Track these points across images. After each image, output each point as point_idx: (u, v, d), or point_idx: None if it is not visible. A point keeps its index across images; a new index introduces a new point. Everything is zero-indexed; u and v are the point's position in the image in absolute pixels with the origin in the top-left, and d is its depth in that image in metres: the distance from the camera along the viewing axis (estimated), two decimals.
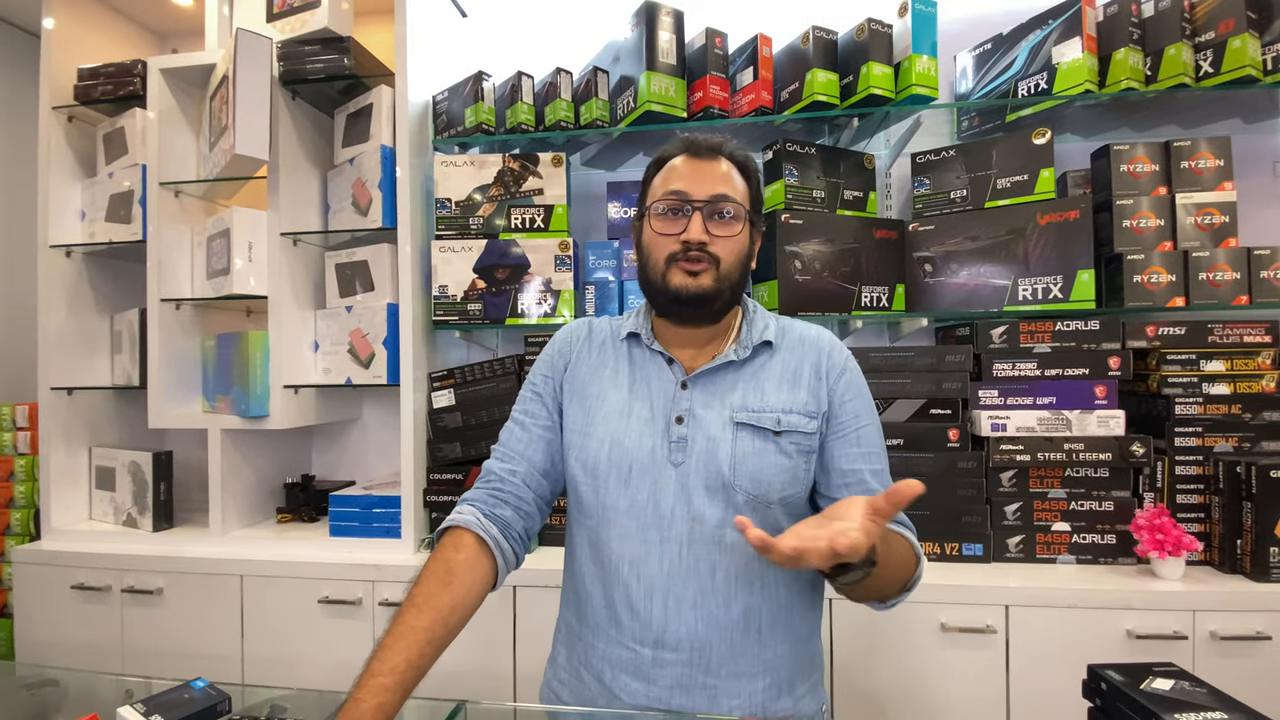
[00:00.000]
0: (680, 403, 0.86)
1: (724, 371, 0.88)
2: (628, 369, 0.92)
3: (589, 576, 0.89)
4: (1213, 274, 1.51)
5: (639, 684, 0.85)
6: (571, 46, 1.87)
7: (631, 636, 0.85)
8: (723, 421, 0.84)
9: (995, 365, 1.55)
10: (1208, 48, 1.51)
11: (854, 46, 1.57)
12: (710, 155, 0.87)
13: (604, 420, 0.88)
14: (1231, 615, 1.34)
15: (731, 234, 0.85)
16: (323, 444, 2.11)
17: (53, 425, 1.84)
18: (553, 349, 0.98)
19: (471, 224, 1.74)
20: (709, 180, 0.86)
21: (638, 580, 0.84)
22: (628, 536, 0.85)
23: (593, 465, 0.87)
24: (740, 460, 0.83)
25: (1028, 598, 1.38)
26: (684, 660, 0.83)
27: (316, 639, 1.60)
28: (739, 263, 0.87)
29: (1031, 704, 1.37)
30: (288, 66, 1.67)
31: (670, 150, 0.90)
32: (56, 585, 1.71)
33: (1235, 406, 1.50)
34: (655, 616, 0.83)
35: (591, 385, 0.92)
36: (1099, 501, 1.50)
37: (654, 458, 0.85)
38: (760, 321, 0.92)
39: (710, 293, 0.85)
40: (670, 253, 0.85)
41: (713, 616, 0.82)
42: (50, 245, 1.85)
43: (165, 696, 0.86)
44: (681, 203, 0.85)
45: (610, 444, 0.86)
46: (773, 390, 0.86)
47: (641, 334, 0.92)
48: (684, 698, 0.83)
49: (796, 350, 0.90)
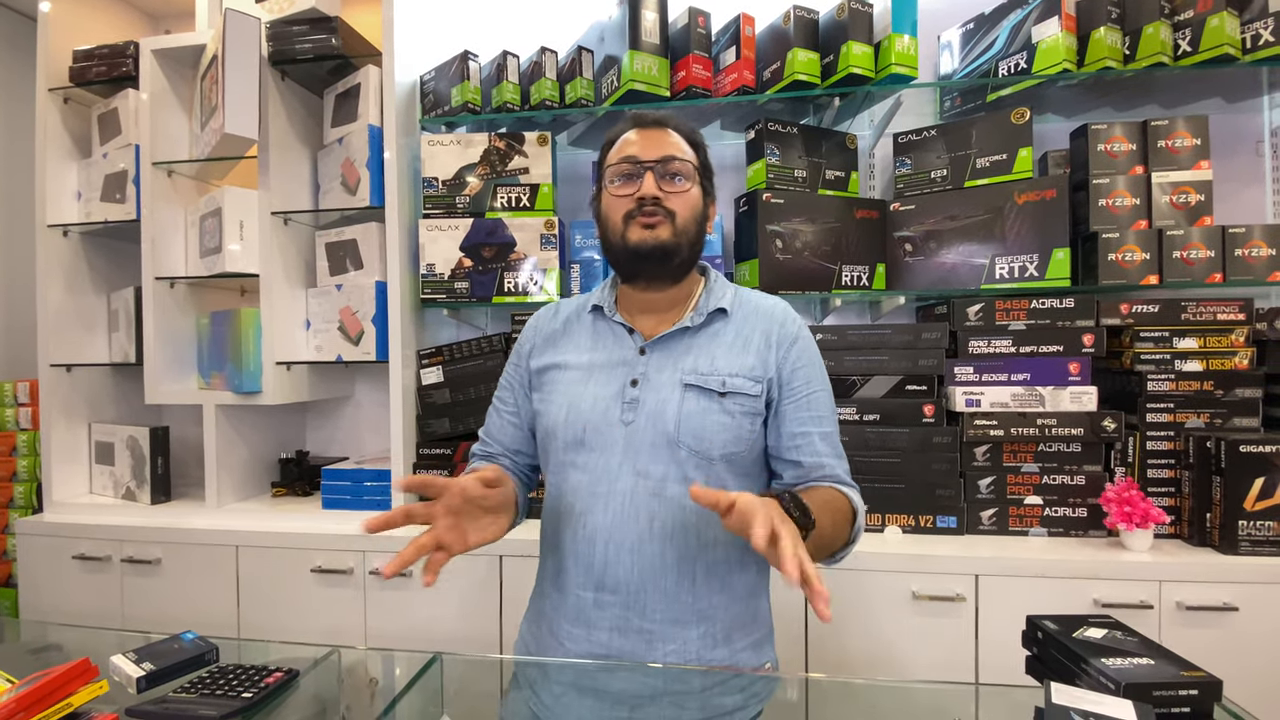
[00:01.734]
0: (636, 367, 0.92)
1: (679, 337, 0.93)
2: (590, 340, 0.97)
3: (550, 532, 0.96)
4: (1187, 252, 1.53)
5: (580, 629, 0.90)
6: (557, 26, 1.89)
7: (575, 582, 0.90)
8: (673, 384, 0.90)
9: (971, 342, 1.57)
10: (1186, 26, 1.52)
11: (835, 26, 1.59)
12: (657, 126, 0.93)
13: (564, 388, 0.95)
14: (1199, 586, 1.37)
15: (683, 190, 0.91)
16: (316, 421, 2.15)
17: (53, 401, 1.88)
18: (523, 338, 1.05)
19: (458, 203, 1.77)
20: (658, 145, 0.91)
21: (584, 528, 0.90)
22: (579, 490, 0.91)
23: (553, 428, 0.94)
24: (685, 419, 0.88)
25: (997, 568, 1.42)
26: (621, 603, 0.88)
27: (309, 607, 1.65)
28: (694, 219, 0.92)
29: (997, 668, 1.41)
30: (276, 47, 1.69)
31: (619, 129, 0.96)
32: (59, 556, 1.76)
33: (1207, 383, 1.52)
34: (596, 559, 0.88)
35: (555, 359, 0.98)
36: (1071, 476, 1.53)
37: (607, 418, 0.90)
38: (719, 290, 0.96)
39: (669, 245, 0.89)
40: (626, 211, 0.90)
41: (649, 563, 0.87)
42: (48, 225, 1.88)
43: (156, 647, 0.91)
44: (634, 165, 0.91)
45: (568, 408, 0.92)
46: (723, 355, 0.91)
47: (604, 306, 0.97)
48: (621, 640, 0.88)
49: (751, 319, 0.95)
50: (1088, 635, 0.75)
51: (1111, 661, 0.69)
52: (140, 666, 0.84)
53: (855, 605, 1.45)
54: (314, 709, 0.87)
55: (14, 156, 2.32)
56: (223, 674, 0.84)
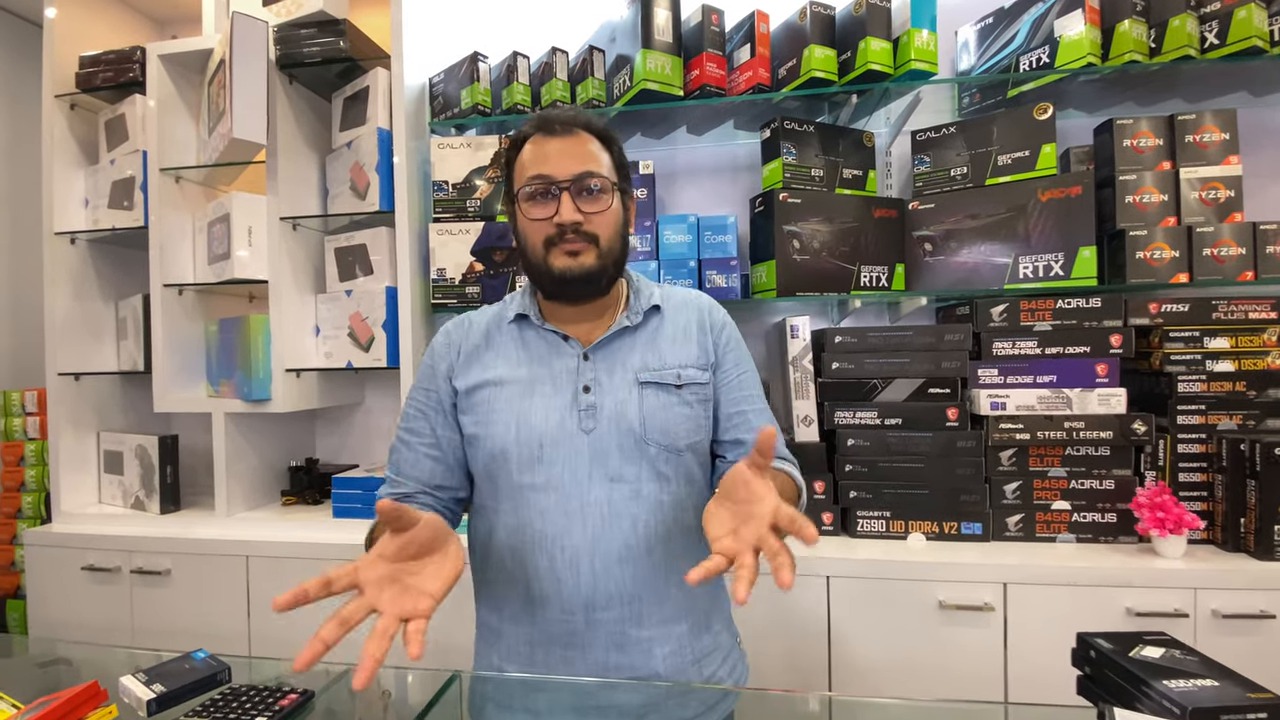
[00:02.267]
0: (584, 374, 0.88)
1: (621, 338, 0.91)
2: (521, 351, 0.91)
3: (507, 564, 0.88)
4: (1217, 249, 1.49)
5: (574, 651, 0.86)
6: (568, 26, 1.86)
7: (559, 608, 0.85)
8: (628, 384, 0.88)
9: (995, 344, 1.54)
10: (1213, 19, 1.48)
11: (852, 21, 1.55)
12: (567, 131, 0.86)
13: (505, 405, 0.88)
14: (1234, 593, 1.33)
15: (603, 208, 0.86)
16: (326, 428, 2.12)
17: (61, 410, 1.87)
18: (431, 358, 0.95)
19: (469, 206, 1.74)
20: (570, 158, 0.85)
21: (561, 552, 0.84)
22: (548, 512, 0.85)
23: (501, 450, 0.86)
24: (649, 416, 0.86)
25: (1026, 575, 1.38)
26: (616, 618, 0.85)
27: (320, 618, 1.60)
28: (617, 235, 0.89)
29: (1029, 681, 1.37)
30: (284, 50, 1.67)
31: (525, 131, 0.89)
32: (67, 567, 1.74)
33: (1239, 384, 1.48)
34: (583, 582, 0.84)
35: (485, 375, 0.90)
36: (1099, 480, 1.49)
37: (564, 429, 0.86)
38: (645, 289, 0.95)
39: (594, 270, 0.86)
40: (546, 236, 0.86)
41: (639, 569, 0.85)
42: (55, 232, 1.86)
43: (166, 666, 0.88)
44: (547, 185, 0.85)
45: (517, 425, 0.86)
46: (668, 349, 0.91)
47: (530, 315, 0.92)
48: (619, 655, 0.85)
49: (682, 311, 0.95)
50: (1145, 655, 0.71)
51: (1174, 684, 0.65)
52: (150, 689, 0.81)
53: (880, 613, 1.41)
54: None
55: (20, 163, 2.31)
56: (235, 695, 0.81)
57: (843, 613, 1.42)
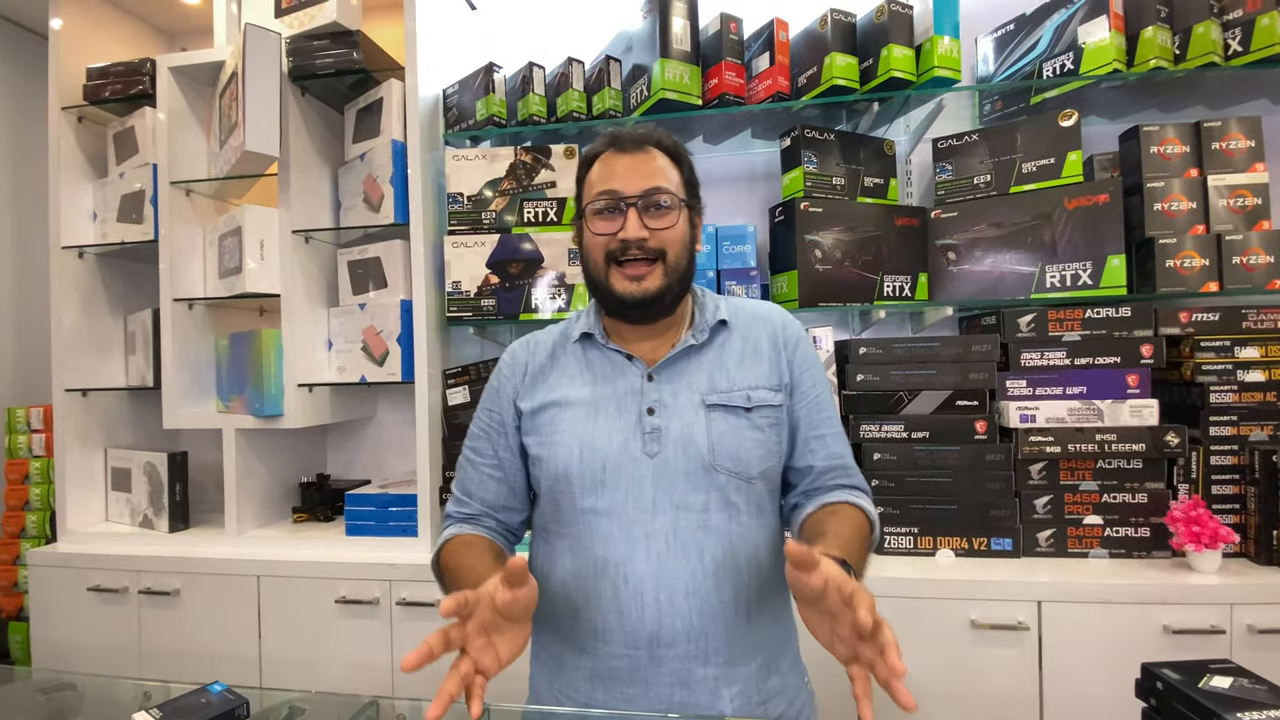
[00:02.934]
0: (649, 395, 0.85)
1: (685, 357, 0.88)
2: (585, 371, 0.90)
3: (569, 589, 0.86)
4: (1246, 258, 1.47)
5: (635, 689, 0.82)
6: (583, 36, 1.85)
7: (622, 643, 0.82)
8: (694, 406, 0.84)
9: (1023, 355, 1.51)
10: (1236, 25, 1.47)
11: (873, 29, 1.54)
12: (638, 148, 0.86)
13: (569, 426, 0.86)
14: (1271, 608, 1.30)
15: (669, 225, 0.84)
16: (338, 443, 2.09)
17: (68, 427, 1.83)
18: (496, 380, 0.96)
19: (484, 218, 1.72)
20: (640, 175, 0.85)
21: (625, 582, 0.81)
22: (611, 538, 0.83)
23: (564, 473, 0.85)
24: (718, 441, 0.83)
25: (1060, 593, 1.34)
26: (681, 654, 0.81)
27: (334, 639, 1.58)
28: (684, 252, 0.87)
29: (1067, 702, 1.33)
30: (297, 62, 1.65)
31: (596, 148, 0.89)
32: (73, 587, 1.70)
33: (1271, 394, 1.45)
34: (648, 615, 0.81)
35: (550, 396, 0.89)
36: (1132, 494, 1.46)
37: (627, 452, 0.83)
38: (710, 303, 0.92)
39: (658, 293, 0.84)
40: (609, 251, 0.84)
41: (706, 603, 0.81)
42: (62, 246, 1.84)
43: (181, 701, 0.84)
44: (615, 200, 0.84)
45: (580, 448, 0.84)
46: (736, 368, 0.87)
47: (595, 334, 0.90)
48: (685, 693, 0.81)
49: (752, 326, 0.91)
50: (1214, 685, 0.68)
51: (1247, 716, 0.62)
52: None
53: (911, 634, 1.38)
54: None
55: (27, 176, 2.28)
56: None
57: None
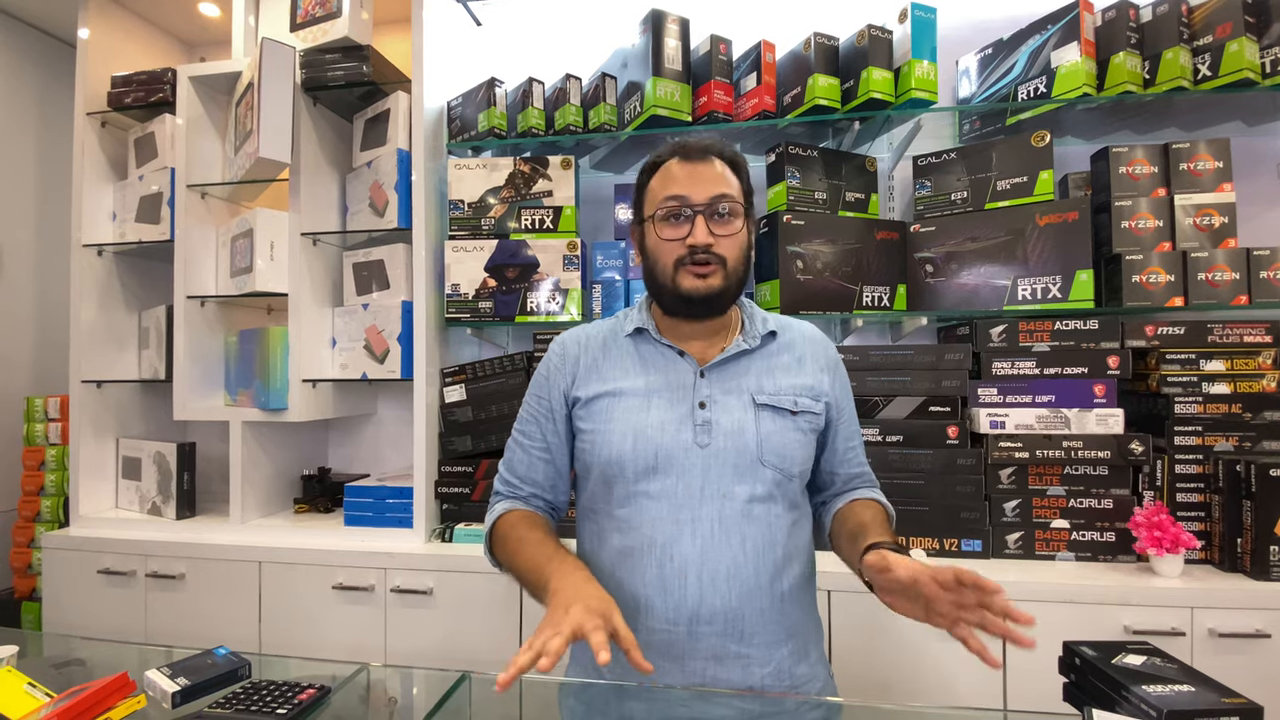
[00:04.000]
0: (700, 390, 0.91)
1: (737, 360, 0.94)
2: (638, 364, 0.96)
3: (616, 567, 0.91)
4: (1211, 274, 1.52)
5: (671, 663, 0.87)
6: (581, 53, 1.93)
7: (663, 619, 0.87)
8: (744, 404, 0.91)
9: (994, 364, 1.57)
10: (1205, 51, 1.53)
11: (855, 52, 1.61)
12: (702, 157, 0.92)
13: (623, 414, 0.92)
14: (1231, 613, 1.35)
15: (733, 232, 0.91)
16: (339, 438, 2.17)
17: (83, 417, 1.92)
18: (548, 367, 1.00)
19: (483, 225, 1.80)
20: (706, 183, 0.90)
21: (671, 560, 0.87)
22: (660, 520, 0.88)
23: (618, 459, 0.90)
24: (766, 439, 0.89)
25: (1024, 592, 1.40)
26: (718, 632, 0.87)
27: (331, 623, 1.65)
28: (742, 258, 0.93)
29: (1028, 696, 1.38)
30: (310, 74, 1.74)
31: (662, 155, 0.94)
32: (84, 570, 1.79)
33: (1235, 406, 1.51)
34: (690, 593, 0.86)
35: (605, 387, 0.95)
36: (1098, 499, 1.52)
37: (679, 442, 0.89)
38: (759, 315, 0.99)
39: (721, 291, 0.91)
40: (678, 257, 0.90)
41: (745, 586, 0.87)
42: (83, 244, 1.93)
43: (190, 662, 0.92)
44: (682, 207, 0.90)
45: (634, 435, 0.90)
46: (783, 374, 0.94)
47: (649, 329, 0.96)
48: (718, 668, 0.87)
49: (799, 342, 0.99)
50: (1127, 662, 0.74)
51: (1152, 689, 0.68)
52: (175, 681, 0.85)
53: (881, 628, 1.43)
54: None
55: (52, 178, 2.39)
56: (256, 690, 0.85)
57: (843, 626, 1.45)
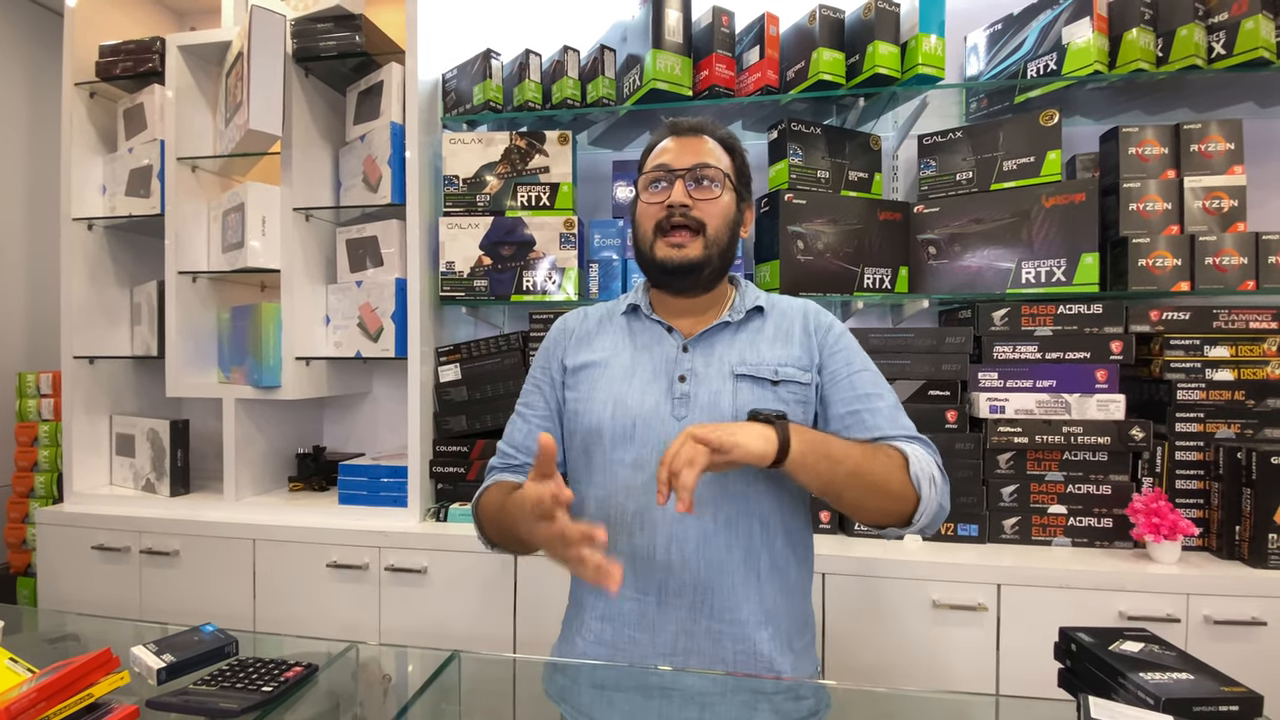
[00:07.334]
0: (682, 364, 0.92)
1: (720, 333, 0.94)
2: (628, 339, 0.97)
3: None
4: (1219, 259, 1.50)
5: (643, 634, 0.88)
6: (579, 25, 1.89)
7: (634, 587, 0.88)
8: (723, 376, 0.90)
9: (996, 347, 1.55)
10: (1220, 29, 1.49)
11: (861, 25, 1.57)
12: (693, 133, 0.95)
13: (606, 385, 0.93)
14: (1227, 600, 1.34)
15: (712, 197, 0.91)
16: (334, 416, 2.16)
17: (75, 393, 1.90)
18: (549, 341, 1.03)
19: (479, 201, 1.77)
20: (690, 154, 0.93)
21: (641, 529, 0.88)
22: (632, 489, 0.89)
23: (597, 426, 0.91)
24: (741, 409, 0.87)
25: (1020, 577, 1.39)
26: (688, 603, 0.87)
27: (324, 600, 1.65)
28: (726, 228, 0.93)
29: (1020, 680, 1.38)
30: (301, 44, 1.70)
31: (657, 136, 0.98)
32: (78, 546, 1.78)
33: (1239, 393, 1.49)
34: (658, 561, 0.87)
35: (592, 357, 0.97)
36: (1097, 485, 1.50)
37: (657, 413, 0.89)
38: (751, 293, 0.98)
39: (699, 260, 0.91)
40: (656, 221, 0.92)
41: (714, 558, 0.86)
42: (73, 218, 1.90)
43: (176, 638, 0.91)
44: (664, 173, 0.93)
45: (614, 405, 0.91)
46: (767, 347, 0.92)
47: (641, 305, 0.98)
48: (688, 641, 0.87)
49: (786, 314, 0.97)
50: (1124, 649, 0.73)
51: (1150, 676, 0.67)
52: (161, 658, 0.84)
53: (875, 612, 1.43)
54: (332, 704, 0.86)
55: (40, 150, 2.35)
56: (242, 667, 0.84)
57: (836, 610, 1.44)
